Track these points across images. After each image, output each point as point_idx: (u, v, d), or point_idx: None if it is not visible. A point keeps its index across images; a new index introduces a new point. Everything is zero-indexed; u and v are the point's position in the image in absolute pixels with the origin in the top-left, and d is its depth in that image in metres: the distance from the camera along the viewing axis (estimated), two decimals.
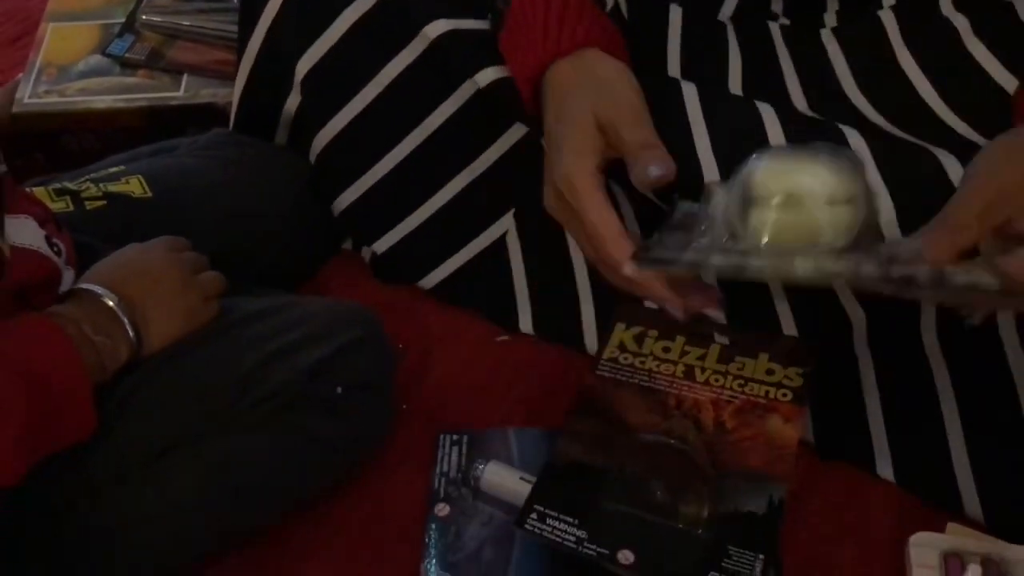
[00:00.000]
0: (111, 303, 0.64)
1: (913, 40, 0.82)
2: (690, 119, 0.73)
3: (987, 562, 0.56)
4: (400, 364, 0.81)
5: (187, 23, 1.02)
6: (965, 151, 0.67)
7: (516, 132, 0.81)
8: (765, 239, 0.55)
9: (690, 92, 0.74)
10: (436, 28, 0.77)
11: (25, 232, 0.65)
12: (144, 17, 1.03)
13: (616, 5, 0.74)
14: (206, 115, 0.96)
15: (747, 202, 0.56)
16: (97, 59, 1.01)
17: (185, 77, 0.99)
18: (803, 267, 0.56)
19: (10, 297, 0.63)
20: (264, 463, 0.69)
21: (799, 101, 0.82)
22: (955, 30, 0.81)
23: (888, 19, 0.84)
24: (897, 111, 0.79)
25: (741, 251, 0.57)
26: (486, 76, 0.76)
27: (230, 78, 0.91)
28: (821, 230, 0.55)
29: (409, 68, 0.80)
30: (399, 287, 0.89)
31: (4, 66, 1.22)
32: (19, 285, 0.63)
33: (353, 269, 0.91)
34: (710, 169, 0.70)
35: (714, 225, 0.57)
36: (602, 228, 0.61)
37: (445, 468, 0.75)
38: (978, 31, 0.80)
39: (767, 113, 0.73)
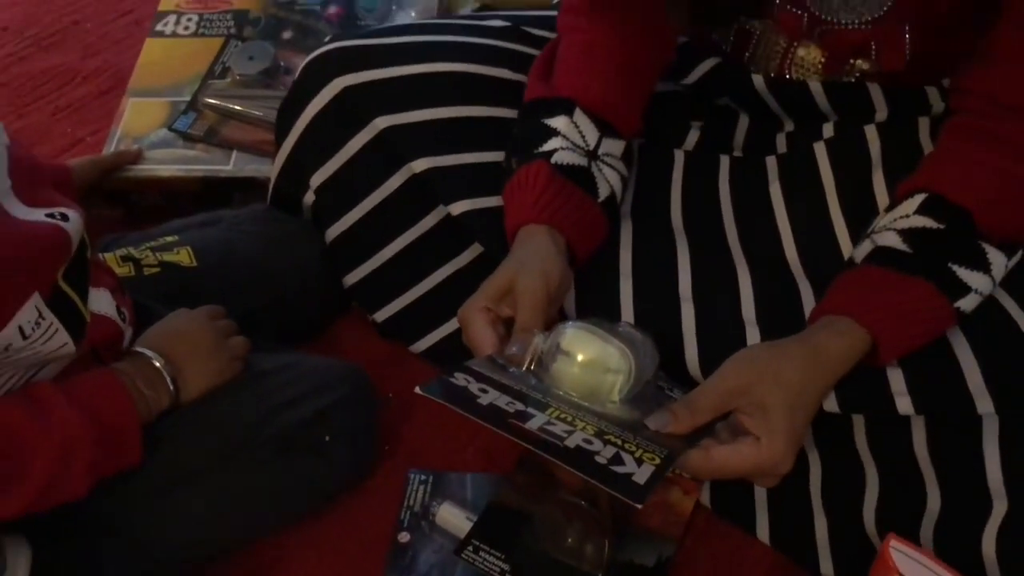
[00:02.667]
0: (158, 364, 0.83)
1: (838, 176, 0.97)
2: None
3: None
4: (387, 410, 1.00)
5: (239, 107, 1.20)
6: None
7: None
8: (558, 387, 0.75)
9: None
10: (420, 164, 0.96)
11: (102, 302, 0.84)
12: (205, 99, 1.21)
13: (612, 195, 0.92)
14: (249, 186, 1.15)
15: (555, 352, 0.75)
16: (164, 133, 1.19)
17: (234, 153, 1.17)
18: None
19: (87, 354, 0.82)
20: (264, 491, 0.88)
21: (731, 232, 0.98)
22: (871, 167, 0.96)
23: (819, 150, 1.00)
24: (812, 244, 0.95)
25: (537, 387, 0.75)
26: (459, 207, 0.95)
27: (270, 156, 1.10)
28: (598, 388, 0.75)
29: (398, 189, 0.99)
30: (396, 344, 1.07)
31: (93, 116, 1.42)
32: (94, 345, 0.82)
33: (361, 325, 1.09)
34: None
35: (526, 364, 0.77)
36: (475, 341, 0.81)
37: (411, 502, 0.93)
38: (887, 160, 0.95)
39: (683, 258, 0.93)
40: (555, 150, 0.91)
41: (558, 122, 0.92)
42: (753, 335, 0.88)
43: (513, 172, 0.92)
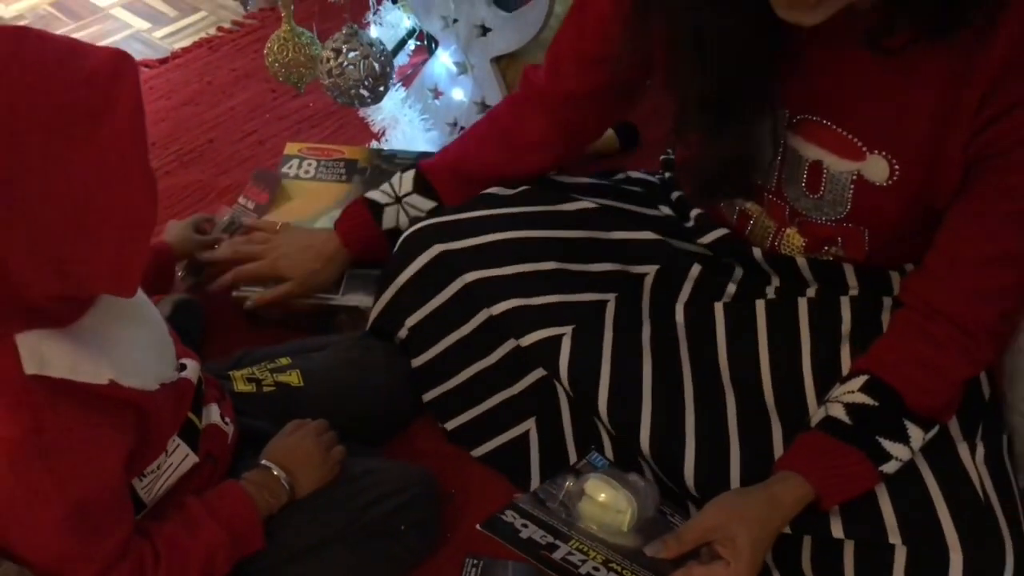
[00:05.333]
0: (276, 473, 1.12)
1: (814, 343, 1.20)
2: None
3: None
4: (450, 503, 1.28)
5: None
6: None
7: (538, 372, 1.27)
8: (581, 521, 1.02)
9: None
10: (501, 307, 1.24)
11: (211, 414, 1.13)
12: None
13: (395, 227, 1.38)
14: (353, 312, 1.43)
15: (580, 494, 1.03)
16: None
17: (343, 283, 1.44)
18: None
19: (203, 459, 1.10)
20: (357, 566, 1.16)
21: (723, 363, 1.22)
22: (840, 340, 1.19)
23: (802, 307, 1.23)
24: (786, 395, 1.18)
25: (566, 520, 1.02)
26: (529, 339, 1.23)
27: (370, 292, 1.40)
28: (611, 523, 1.02)
29: (473, 331, 1.27)
30: (460, 448, 1.35)
31: None
32: (207, 452, 1.11)
33: (432, 430, 1.36)
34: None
35: (558, 501, 1.04)
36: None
37: None
38: (854, 333, 1.19)
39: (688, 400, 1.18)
40: (377, 191, 1.40)
41: (396, 175, 1.40)
42: (735, 465, 1.14)
43: None
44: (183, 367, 1.07)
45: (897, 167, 1.04)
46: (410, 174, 1.39)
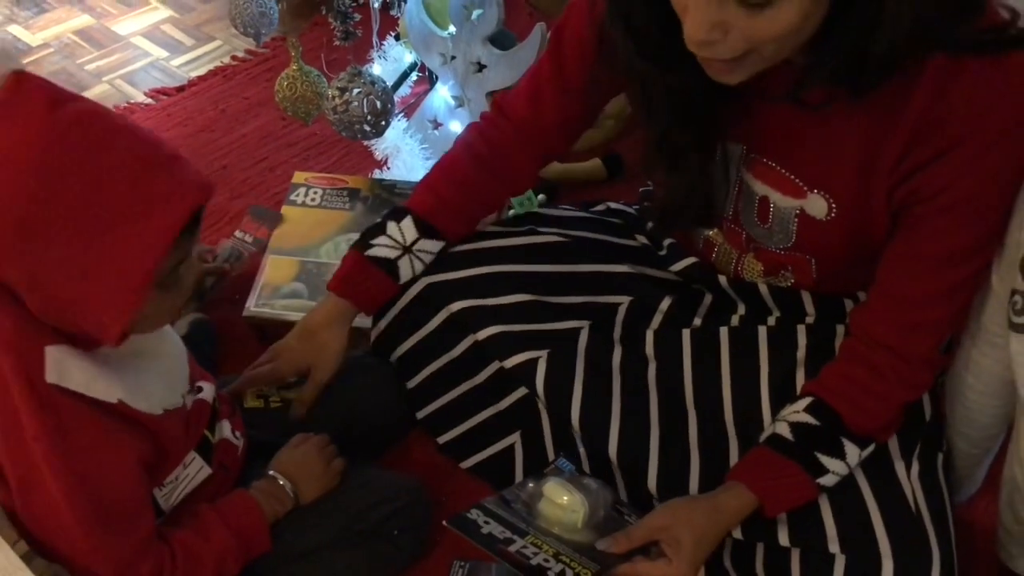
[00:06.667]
0: (281, 482, 1.24)
1: (772, 367, 1.30)
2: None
3: None
4: (440, 510, 1.39)
5: None
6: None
7: (521, 391, 1.38)
8: (541, 520, 1.14)
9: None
10: (485, 333, 1.35)
11: (224, 430, 1.25)
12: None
13: (413, 277, 1.39)
14: (355, 333, 1.55)
15: (540, 495, 1.15)
16: (294, 285, 1.60)
17: None
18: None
19: (216, 469, 1.23)
20: (354, 566, 1.28)
21: (687, 386, 1.33)
22: (795, 366, 1.30)
23: (762, 334, 1.34)
24: (744, 416, 1.29)
25: (526, 519, 1.14)
26: (512, 361, 1.34)
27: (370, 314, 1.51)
28: (567, 521, 1.14)
29: (462, 354, 1.39)
30: (450, 460, 1.47)
31: None
32: (220, 463, 1.23)
33: (425, 443, 1.48)
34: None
35: (521, 501, 1.16)
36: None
37: None
38: (809, 358, 1.30)
39: (653, 416, 1.30)
40: (374, 245, 1.35)
41: (391, 226, 1.36)
42: (694, 476, 1.26)
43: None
44: (200, 389, 1.19)
45: (834, 205, 1.15)
46: (408, 222, 1.35)
